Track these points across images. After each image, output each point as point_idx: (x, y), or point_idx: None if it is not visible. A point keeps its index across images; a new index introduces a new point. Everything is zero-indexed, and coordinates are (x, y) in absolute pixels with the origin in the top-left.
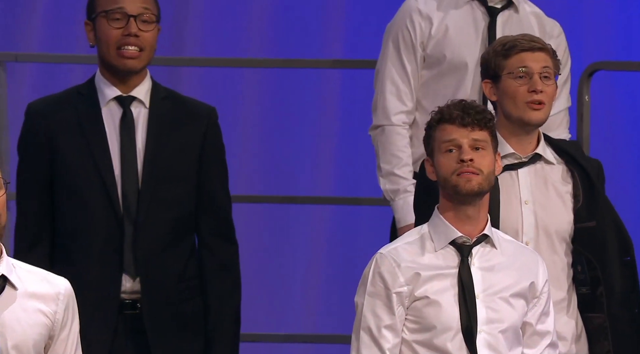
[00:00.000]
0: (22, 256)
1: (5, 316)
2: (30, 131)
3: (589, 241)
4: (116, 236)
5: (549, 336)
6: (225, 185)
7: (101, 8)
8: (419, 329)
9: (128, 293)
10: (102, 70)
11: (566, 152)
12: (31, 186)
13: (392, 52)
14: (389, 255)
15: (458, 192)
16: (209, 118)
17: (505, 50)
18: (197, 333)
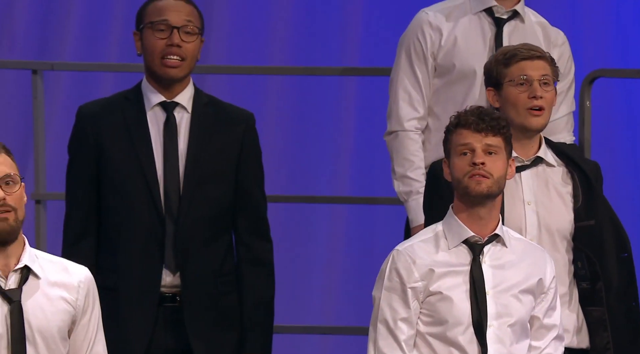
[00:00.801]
0: (70, 249)
1: (30, 304)
2: (80, 132)
3: (589, 239)
4: (158, 233)
5: (555, 329)
6: (262, 186)
7: (148, 19)
8: (433, 322)
9: (168, 287)
10: (148, 78)
11: (566, 154)
12: (80, 184)
13: (404, 62)
14: (405, 251)
15: (468, 194)
16: (247, 123)
17: (506, 59)
18: (233, 325)
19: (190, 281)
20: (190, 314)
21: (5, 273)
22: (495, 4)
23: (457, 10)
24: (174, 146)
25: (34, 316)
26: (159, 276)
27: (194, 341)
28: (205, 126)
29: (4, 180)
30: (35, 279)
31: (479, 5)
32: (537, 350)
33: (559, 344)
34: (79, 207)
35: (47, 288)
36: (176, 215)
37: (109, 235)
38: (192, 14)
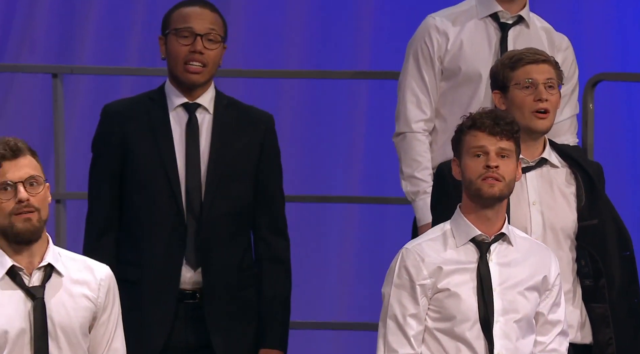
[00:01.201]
0: (92, 242)
1: (52, 301)
2: (105, 130)
3: (592, 238)
4: (179, 230)
5: (560, 325)
6: (281, 185)
7: (173, 26)
8: (440, 318)
9: (188, 283)
10: (171, 80)
11: (570, 156)
12: (103, 180)
13: (412, 65)
14: (414, 250)
15: (481, 196)
16: (267, 124)
17: (512, 63)
18: (251, 320)
19: (211, 277)
20: (210, 309)
21: (30, 270)
22: (500, 10)
23: (464, 16)
24: (195, 146)
25: (56, 313)
26: (179, 272)
27: (213, 335)
28: (227, 127)
29: (28, 181)
30: (58, 276)
31: (485, 10)
32: (542, 345)
33: (563, 339)
34: (102, 203)
35: (69, 286)
36: (198, 213)
37: (131, 230)
38: (216, 22)
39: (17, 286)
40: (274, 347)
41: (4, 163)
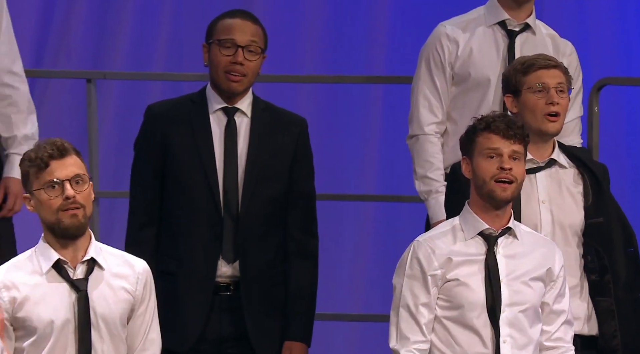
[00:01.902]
0: (134, 235)
1: (95, 293)
2: (148, 129)
3: (598, 235)
4: (216, 227)
5: (564, 314)
6: (312, 186)
7: (216, 36)
8: (449, 307)
9: (223, 277)
10: (212, 85)
11: (577, 157)
12: (145, 178)
13: (424, 71)
14: (425, 242)
15: (494, 198)
16: (301, 127)
17: (525, 68)
18: (281, 313)
19: (247, 271)
20: (246, 302)
21: (74, 264)
22: (508, 18)
23: (473, 23)
24: (233, 147)
25: (98, 304)
26: (216, 266)
27: (249, 326)
28: (263, 129)
29: (74, 180)
30: (99, 270)
31: (493, 18)
32: (548, 334)
33: (568, 328)
34: (143, 199)
35: (110, 279)
36: (234, 211)
37: (170, 224)
38: (257, 33)
39: (62, 278)
40: (298, 340)
41: (51, 162)
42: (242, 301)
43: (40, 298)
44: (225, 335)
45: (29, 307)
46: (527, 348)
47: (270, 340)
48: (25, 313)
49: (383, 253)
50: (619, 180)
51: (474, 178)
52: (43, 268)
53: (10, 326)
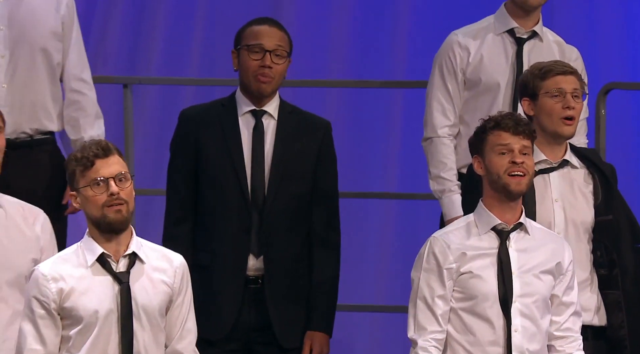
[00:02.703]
0: (170, 231)
1: (136, 285)
2: (182, 132)
3: (607, 232)
4: (245, 222)
5: (573, 306)
6: (336, 185)
7: (245, 42)
8: (464, 298)
9: (251, 269)
10: (241, 89)
11: (587, 157)
12: (179, 177)
13: (438, 77)
14: (441, 238)
15: (509, 191)
16: (325, 130)
17: (543, 74)
18: (305, 304)
19: (272, 264)
20: (270, 293)
21: (117, 258)
22: (516, 26)
23: (483, 32)
24: (261, 147)
25: (139, 296)
26: (246, 260)
27: (273, 316)
28: (289, 131)
29: (117, 177)
30: (140, 264)
31: (502, 27)
32: (557, 324)
33: (576, 319)
34: (179, 197)
35: (150, 272)
36: (261, 207)
37: (204, 220)
38: (283, 39)
39: (106, 271)
40: (320, 330)
41: (97, 162)
42: (266, 292)
43: (85, 289)
44: (253, 325)
45: (75, 298)
46: (537, 337)
47: (293, 330)
48: (72, 303)
49: (403, 248)
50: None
51: (487, 174)
52: (88, 261)
53: (57, 315)
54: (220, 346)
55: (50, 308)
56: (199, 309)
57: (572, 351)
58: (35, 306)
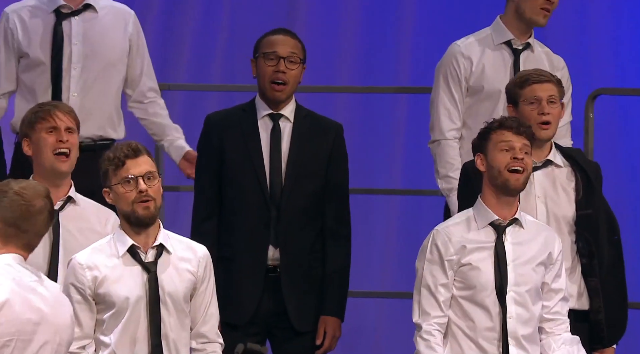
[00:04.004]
0: (198, 226)
1: (163, 274)
2: (207, 135)
3: (587, 225)
4: (264, 217)
5: (561, 292)
6: (346, 183)
7: (261, 50)
8: (464, 287)
9: (271, 260)
10: (260, 95)
11: (572, 156)
12: (205, 177)
13: (442, 85)
14: (443, 231)
15: (508, 187)
16: (337, 132)
17: (521, 83)
18: (318, 292)
19: (287, 256)
20: (286, 282)
21: (145, 249)
22: (512, 38)
23: (482, 43)
24: (278, 149)
25: (166, 284)
26: (266, 252)
27: (288, 304)
28: (303, 133)
29: (146, 176)
30: (167, 254)
31: (500, 38)
32: (547, 308)
33: (564, 304)
34: (205, 195)
35: (176, 262)
36: (278, 203)
37: (227, 216)
38: (296, 46)
39: (135, 261)
40: (333, 315)
41: (127, 161)
42: (282, 281)
43: (117, 277)
44: (272, 311)
45: (107, 285)
46: (530, 323)
47: (307, 316)
48: (105, 289)
49: (407, 239)
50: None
51: (489, 170)
52: (119, 252)
53: (92, 300)
54: (243, 330)
55: (86, 294)
56: (224, 297)
57: (561, 333)
58: (72, 292)
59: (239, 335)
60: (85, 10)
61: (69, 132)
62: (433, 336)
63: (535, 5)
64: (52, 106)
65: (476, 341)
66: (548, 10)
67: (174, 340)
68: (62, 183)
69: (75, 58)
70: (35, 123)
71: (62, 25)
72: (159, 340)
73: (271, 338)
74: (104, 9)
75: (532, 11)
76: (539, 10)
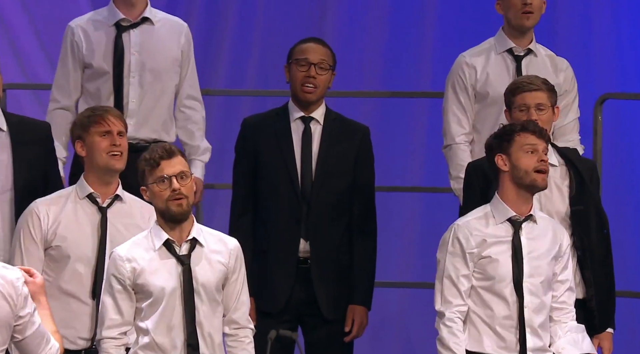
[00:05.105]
0: (235, 222)
1: (196, 266)
2: (244, 137)
3: (579, 219)
4: (296, 212)
5: (568, 282)
6: (372, 180)
7: (294, 57)
8: (483, 278)
9: (302, 252)
10: (293, 99)
11: (566, 156)
12: (241, 176)
13: (451, 93)
14: (464, 225)
15: (535, 185)
16: (364, 134)
17: (513, 91)
18: (346, 283)
19: (317, 248)
20: (316, 273)
21: (180, 243)
22: (514, 46)
23: (486, 52)
24: (309, 149)
25: (199, 275)
26: (298, 245)
27: (318, 292)
28: (332, 135)
29: (179, 175)
30: (200, 247)
31: (502, 47)
32: (555, 298)
33: (570, 294)
34: (241, 193)
35: (208, 254)
36: (308, 200)
37: (261, 212)
38: (327, 54)
39: (170, 254)
40: (361, 304)
41: (162, 162)
42: (312, 273)
43: (154, 269)
44: (303, 300)
45: (145, 276)
46: (543, 312)
47: (336, 304)
48: (143, 280)
49: (427, 233)
50: (618, 179)
51: (513, 170)
52: (156, 245)
53: (132, 290)
54: (276, 317)
55: (126, 284)
56: (258, 287)
57: (567, 321)
58: (114, 283)
59: (272, 322)
60: (143, 23)
61: (120, 136)
62: (455, 322)
63: (516, 11)
64: (104, 111)
65: (494, 328)
66: (529, 12)
67: (207, 326)
68: (111, 181)
69: (134, 67)
70: (89, 126)
71: (122, 37)
72: (194, 327)
73: (302, 325)
74: (160, 21)
75: (515, 18)
76: (521, 15)
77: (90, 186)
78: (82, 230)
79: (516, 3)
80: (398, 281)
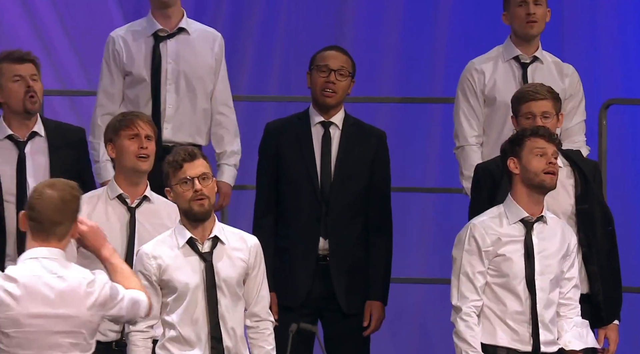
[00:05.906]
0: (259, 221)
1: (218, 263)
2: (266, 142)
3: (584, 218)
4: (316, 212)
5: (574, 280)
6: (388, 182)
7: (315, 63)
8: (497, 275)
9: (321, 249)
10: (313, 104)
11: (570, 157)
12: (264, 178)
13: (462, 98)
14: (480, 225)
15: (545, 186)
16: (380, 138)
17: (519, 99)
18: (363, 279)
19: (336, 246)
20: (335, 270)
21: (202, 240)
22: (520, 53)
23: (494, 59)
24: (328, 152)
25: (221, 271)
26: (317, 242)
27: (337, 288)
28: (351, 139)
29: (201, 177)
30: (221, 245)
31: (509, 54)
32: (562, 294)
33: (576, 290)
34: (263, 194)
35: (229, 251)
36: (327, 200)
37: (283, 211)
38: (346, 61)
39: (193, 252)
40: (378, 299)
41: (184, 164)
42: (331, 269)
43: (178, 266)
44: (322, 295)
45: (170, 272)
46: (552, 307)
47: (354, 299)
48: (168, 276)
49: (441, 231)
50: (623, 181)
51: (524, 173)
52: (179, 243)
53: (157, 285)
54: (297, 311)
55: (152, 280)
56: (280, 283)
57: (573, 317)
58: (140, 278)
59: (293, 316)
60: (179, 33)
61: (147, 140)
62: (471, 317)
63: (521, 21)
64: (134, 115)
65: (507, 322)
66: (534, 21)
67: (229, 320)
68: (140, 182)
69: (170, 75)
70: (119, 130)
71: (160, 46)
72: (217, 320)
73: (322, 319)
74: (196, 31)
75: (520, 27)
76: (525, 24)
77: (119, 187)
78: (112, 229)
79: (520, 14)
80: (414, 277)
